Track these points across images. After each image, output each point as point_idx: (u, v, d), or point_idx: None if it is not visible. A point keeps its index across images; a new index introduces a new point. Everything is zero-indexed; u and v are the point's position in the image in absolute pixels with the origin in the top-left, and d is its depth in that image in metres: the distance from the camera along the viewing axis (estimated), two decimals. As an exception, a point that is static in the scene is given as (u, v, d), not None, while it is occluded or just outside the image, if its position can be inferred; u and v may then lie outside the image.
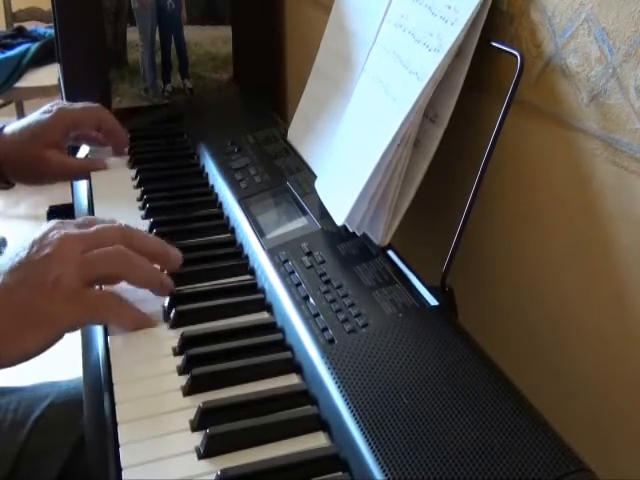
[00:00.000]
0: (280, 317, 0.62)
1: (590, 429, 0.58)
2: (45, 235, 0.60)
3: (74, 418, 0.75)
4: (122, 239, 0.62)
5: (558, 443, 0.44)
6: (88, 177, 0.93)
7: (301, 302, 0.61)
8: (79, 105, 0.94)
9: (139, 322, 0.62)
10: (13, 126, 0.91)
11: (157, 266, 0.66)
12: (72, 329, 0.60)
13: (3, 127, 0.91)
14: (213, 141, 0.97)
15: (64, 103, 0.95)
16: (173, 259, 0.67)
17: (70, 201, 0.96)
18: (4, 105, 2.87)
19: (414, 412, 0.47)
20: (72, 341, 0.63)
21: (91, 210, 0.85)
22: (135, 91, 1.16)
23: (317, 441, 0.51)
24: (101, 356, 0.61)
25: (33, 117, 0.92)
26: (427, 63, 0.60)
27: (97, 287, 0.62)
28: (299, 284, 0.63)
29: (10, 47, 2.68)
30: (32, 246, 0.59)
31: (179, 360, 0.58)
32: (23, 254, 0.59)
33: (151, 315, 0.64)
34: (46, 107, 0.93)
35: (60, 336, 0.58)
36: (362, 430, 0.47)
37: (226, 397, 0.54)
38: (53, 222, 0.62)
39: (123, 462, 0.49)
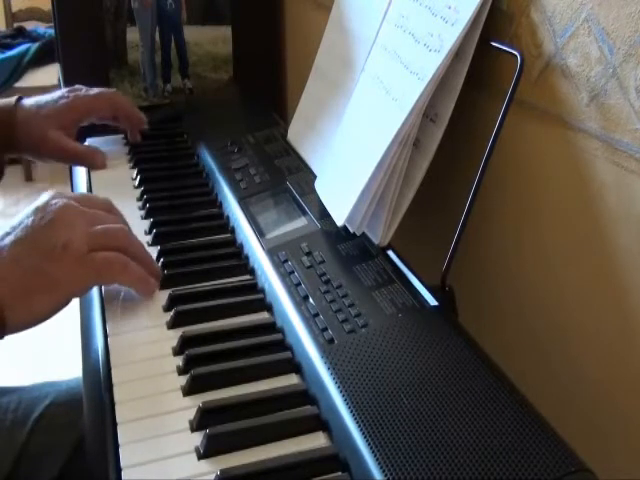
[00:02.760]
0: (280, 317, 0.62)
1: (590, 429, 0.58)
2: (47, 202, 0.62)
3: (74, 418, 0.75)
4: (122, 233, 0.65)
5: (558, 443, 0.44)
6: (84, 165, 0.94)
7: (301, 302, 0.61)
8: (94, 91, 0.94)
9: (144, 282, 0.65)
10: (31, 101, 0.92)
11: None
12: (80, 293, 0.62)
13: (20, 97, 0.92)
14: (213, 141, 0.97)
15: (80, 89, 0.95)
16: (155, 272, 0.68)
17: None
18: (4, 105, 2.87)
19: (414, 412, 0.47)
20: (72, 341, 0.63)
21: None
22: (135, 91, 1.16)
23: (317, 441, 0.51)
24: (101, 356, 0.61)
25: (50, 98, 0.92)
26: (427, 63, 0.60)
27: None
28: (299, 284, 0.63)
29: (10, 47, 2.68)
30: (35, 213, 0.60)
31: (179, 360, 0.58)
32: (28, 222, 0.60)
33: (151, 316, 0.64)
34: (63, 92, 0.93)
35: (68, 300, 0.60)
36: (362, 430, 0.47)
37: (226, 397, 0.54)
38: (52, 191, 0.63)
39: (123, 462, 0.49)
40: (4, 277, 0.57)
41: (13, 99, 0.91)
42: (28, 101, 0.92)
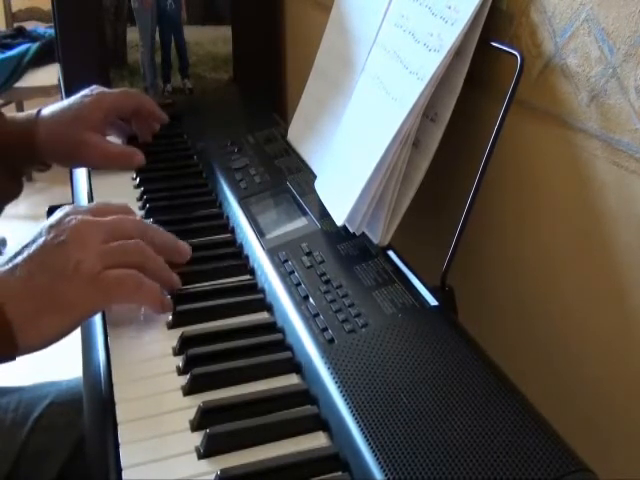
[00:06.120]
0: (280, 317, 0.62)
1: (590, 429, 0.58)
2: (61, 220, 0.60)
3: (74, 418, 0.75)
4: (137, 231, 0.63)
5: (558, 443, 0.44)
6: (121, 167, 0.92)
7: (301, 302, 0.61)
8: (118, 90, 0.94)
9: (157, 302, 0.62)
10: (52, 108, 0.90)
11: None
12: (92, 313, 0.60)
13: (40, 110, 0.90)
14: (213, 141, 0.97)
15: (103, 88, 0.94)
16: (182, 252, 0.69)
17: (70, 201, 0.96)
18: (4, 105, 2.87)
19: (414, 412, 0.47)
20: (72, 341, 0.63)
21: (91, 210, 0.85)
22: (135, 91, 1.16)
23: (317, 441, 0.51)
24: (101, 356, 0.61)
25: (73, 100, 0.90)
26: (427, 63, 0.60)
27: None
28: (299, 284, 0.63)
29: (10, 47, 2.68)
30: (49, 231, 0.59)
31: (179, 360, 0.58)
32: (40, 240, 0.58)
33: (151, 316, 0.64)
34: (85, 91, 0.91)
35: (80, 322, 0.59)
36: (362, 430, 0.47)
37: (226, 397, 0.54)
38: (67, 208, 0.62)
39: (123, 462, 0.49)
40: (13, 297, 0.55)
41: (34, 111, 0.89)
42: (48, 109, 0.90)
